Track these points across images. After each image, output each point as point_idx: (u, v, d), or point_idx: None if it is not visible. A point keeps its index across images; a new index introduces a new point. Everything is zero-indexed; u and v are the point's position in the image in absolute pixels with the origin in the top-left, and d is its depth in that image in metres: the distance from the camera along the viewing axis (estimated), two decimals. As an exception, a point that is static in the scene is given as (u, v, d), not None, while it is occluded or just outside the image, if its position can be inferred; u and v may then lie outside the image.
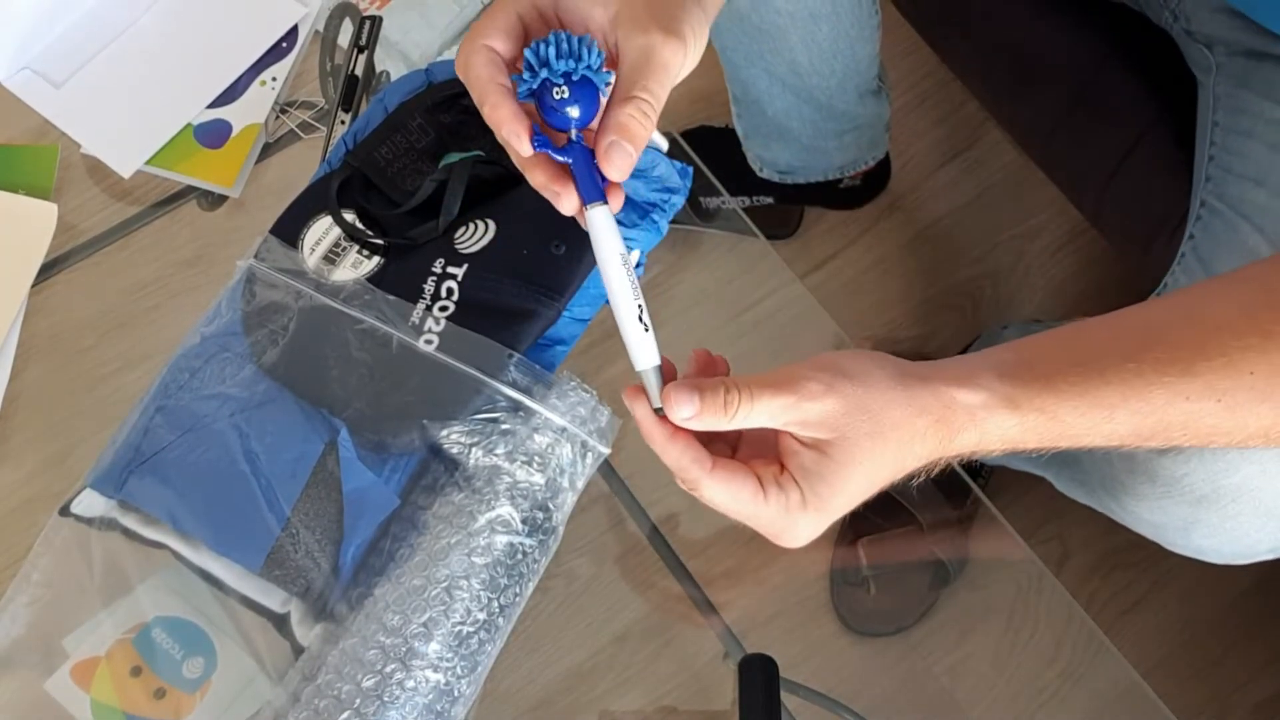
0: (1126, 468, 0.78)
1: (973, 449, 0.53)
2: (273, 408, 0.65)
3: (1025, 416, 0.52)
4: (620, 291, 0.51)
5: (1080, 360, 0.53)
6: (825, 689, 0.71)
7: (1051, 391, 0.52)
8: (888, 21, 1.09)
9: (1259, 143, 0.81)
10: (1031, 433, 0.52)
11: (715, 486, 0.53)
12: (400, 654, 0.60)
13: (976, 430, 0.52)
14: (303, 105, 0.87)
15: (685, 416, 0.51)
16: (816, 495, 0.52)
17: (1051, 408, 0.52)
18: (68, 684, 0.67)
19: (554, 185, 0.52)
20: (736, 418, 0.51)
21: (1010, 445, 0.53)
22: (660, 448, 0.53)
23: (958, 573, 0.80)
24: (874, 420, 0.51)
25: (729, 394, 0.51)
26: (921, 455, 0.53)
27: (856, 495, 0.53)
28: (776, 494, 0.52)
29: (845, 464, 0.51)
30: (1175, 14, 0.90)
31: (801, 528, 0.53)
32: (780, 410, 0.51)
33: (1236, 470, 0.72)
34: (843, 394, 0.51)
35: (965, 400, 0.52)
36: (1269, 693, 1.26)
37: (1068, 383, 0.52)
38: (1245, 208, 0.80)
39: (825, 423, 0.51)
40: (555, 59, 0.50)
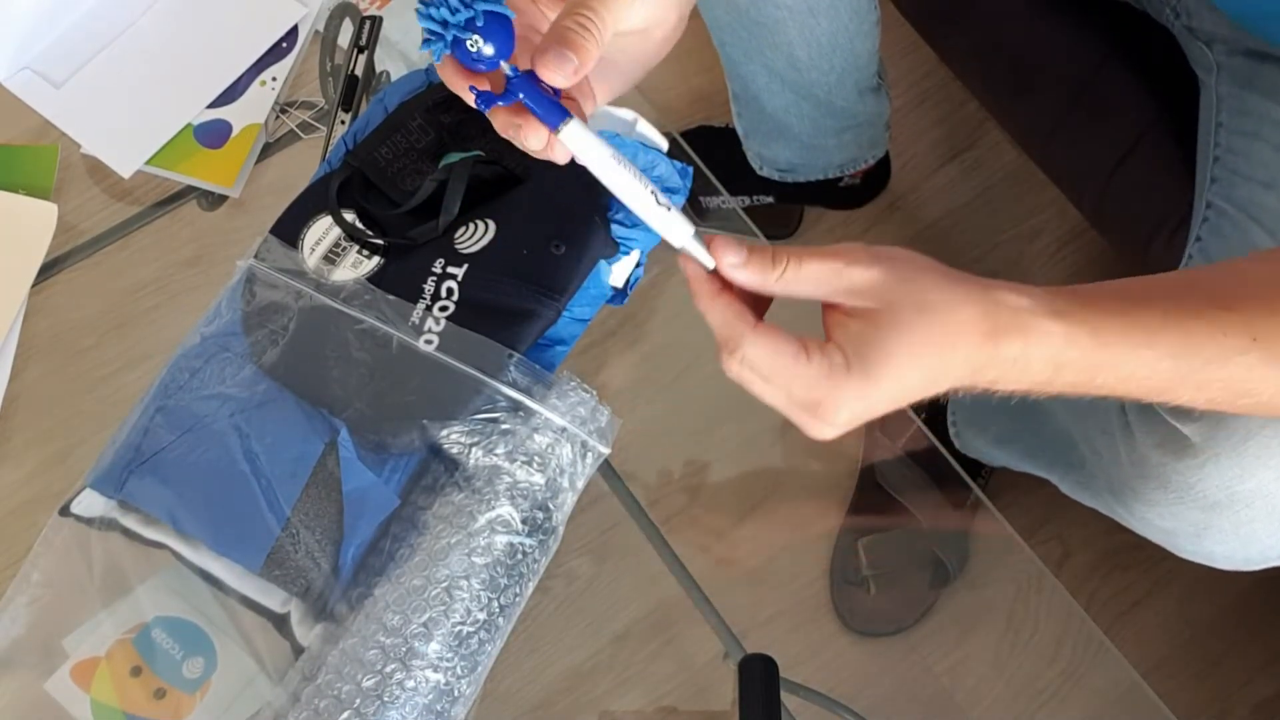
0: (1138, 473, 0.78)
1: (1015, 361, 0.51)
2: (273, 408, 0.65)
3: (1070, 327, 0.51)
4: (628, 190, 0.51)
5: (1121, 292, 0.53)
6: (825, 689, 0.71)
7: (1096, 309, 0.51)
8: (888, 20, 1.09)
9: (1266, 145, 0.81)
10: (1073, 347, 0.51)
11: (758, 343, 0.51)
12: (400, 654, 0.60)
13: (1022, 336, 0.50)
14: (303, 105, 0.87)
15: (733, 262, 0.51)
16: (862, 359, 0.50)
17: (1095, 323, 0.51)
18: (68, 684, 0.67)
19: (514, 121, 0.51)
20: (784, 278, 0.50)
21: (1052, 363, 0.51)
22: (706, 304, 0.52)
23: (958, 573, 0.80)
24: (921, 295, 0.50)
25: (777, 255, 0.51)
26: (966, 358, 0.51)
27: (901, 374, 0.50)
28: (820, 356, 0.50)
29: (892, 333, 0.50)
30: (1176, 11, 0.89)
31: (846, 396, 0.50)
32: (827, 275, 0.50)
33: (1251, 476, 0.72)
34: (890, 266, 0.50)
35: (1012, 301, 0.51)
36: (1269, 693, 1.26)
37: (1112, 305, 0.52)
38: (1255, 211, 0.79)
39: (872, 290, 0.50)
40: (451, 13, 0.49)
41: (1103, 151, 0.96)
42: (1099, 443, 0.85)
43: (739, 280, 0.51)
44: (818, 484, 0.80)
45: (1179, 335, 0.52)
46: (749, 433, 0.79)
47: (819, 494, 0.79)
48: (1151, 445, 0.76)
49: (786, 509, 0.78)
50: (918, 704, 0.74)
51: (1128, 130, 0.94)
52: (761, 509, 0.77)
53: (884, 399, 0.51)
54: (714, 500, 0.77)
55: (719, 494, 0.77)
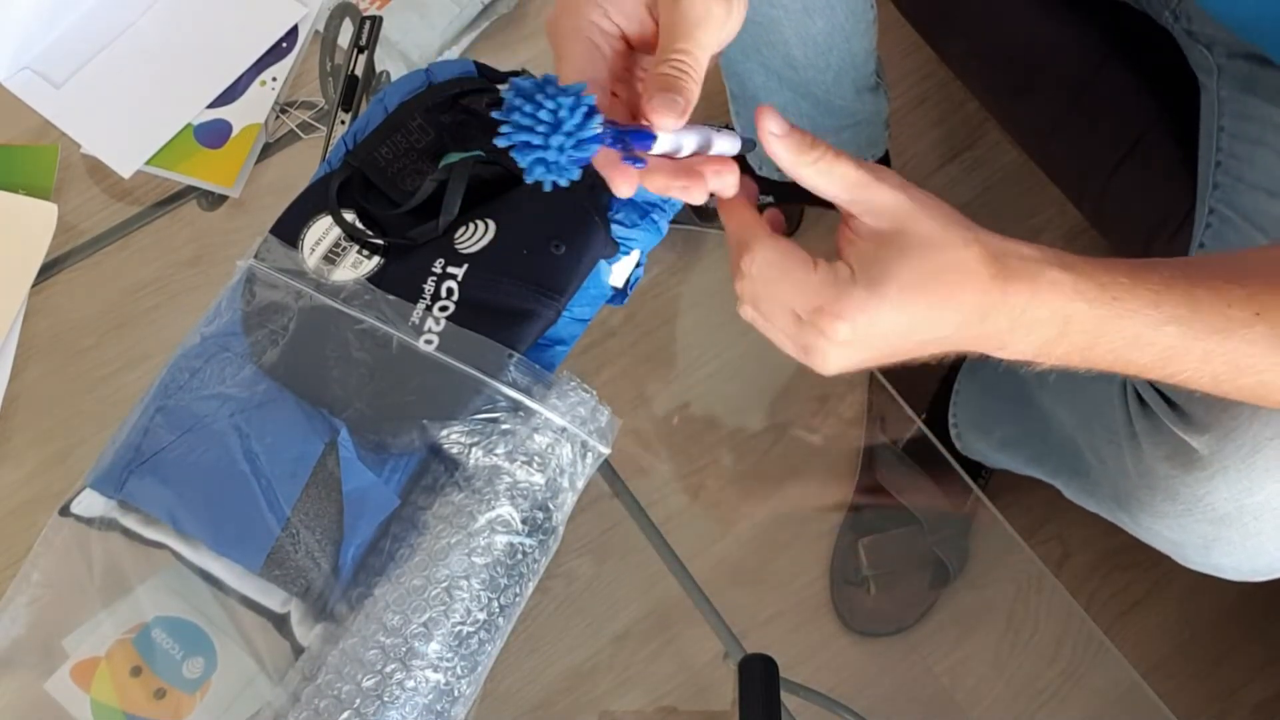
0: (1145, 485, 0.78)
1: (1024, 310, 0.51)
2: (273, 408, 0.65)
3: (1079, 279, 0.51)
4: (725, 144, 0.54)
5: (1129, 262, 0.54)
6: (825, 689, 0.71)
7: (1104, 267, 0.52)
8: (888, 21, 1.09)
9: (1269, 151, 0.81)
10: (1081, 299, 0.51)
11: (770, 247, 0.52)
12: (400, 654, 0.60)
13: (1030, 282, 0.51)
14: (303, 105, 0.87)
15: (774, 130, 0.51)
16: (867, 274, 0.51)
17: (1102, 277, 0.52)
18: (68, 684, 0.67)
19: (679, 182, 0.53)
20: (818, 165, 0.51)
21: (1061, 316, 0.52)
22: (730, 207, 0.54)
23: (958, 573, 0.80)
24: (932, 229, 0.51)
25: (815, 142, 0.51)
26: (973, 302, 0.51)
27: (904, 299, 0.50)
28: (827, 267, 0.51)
29: (899, 256, 0.51)
30: (1176, 14, 0.89)
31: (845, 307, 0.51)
32: (855, 181, 0.51)
33: (1261, 489, 0.72)
34: (913, 196, 0.51)
35: (1019, 250, 0.52)
36: (1269, 693, 1.26)
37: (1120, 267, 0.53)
38: (1260, 219, 0.79)
39: (889, 212, 0.51)
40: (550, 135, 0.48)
41: (1103, 152, 0.96)
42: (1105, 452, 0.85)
43: (773, 150, 0.52)
44: (818, 484, 0.80)
45: (1185, 299, 0.52)
46: (749, 433, 0.79)
47: (819, 494, 0.79)
48: (1159, 457, 0.76)
49: (787, 509, 0.78)
50: (918, 704, 0.74)
51: (1128, 131, 0.94)
52: (762, 509, 0.77)
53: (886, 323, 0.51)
54: (714, 500, 0.77)
55: (719, 494, 0.77)
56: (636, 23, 0.55)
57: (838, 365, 0.52)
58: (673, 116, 0.51)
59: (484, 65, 0.74)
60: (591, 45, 0.54)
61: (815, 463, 0.80)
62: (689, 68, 0.52)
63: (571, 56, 0.54)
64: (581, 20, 0.55)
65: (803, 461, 0.80)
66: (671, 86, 0.51)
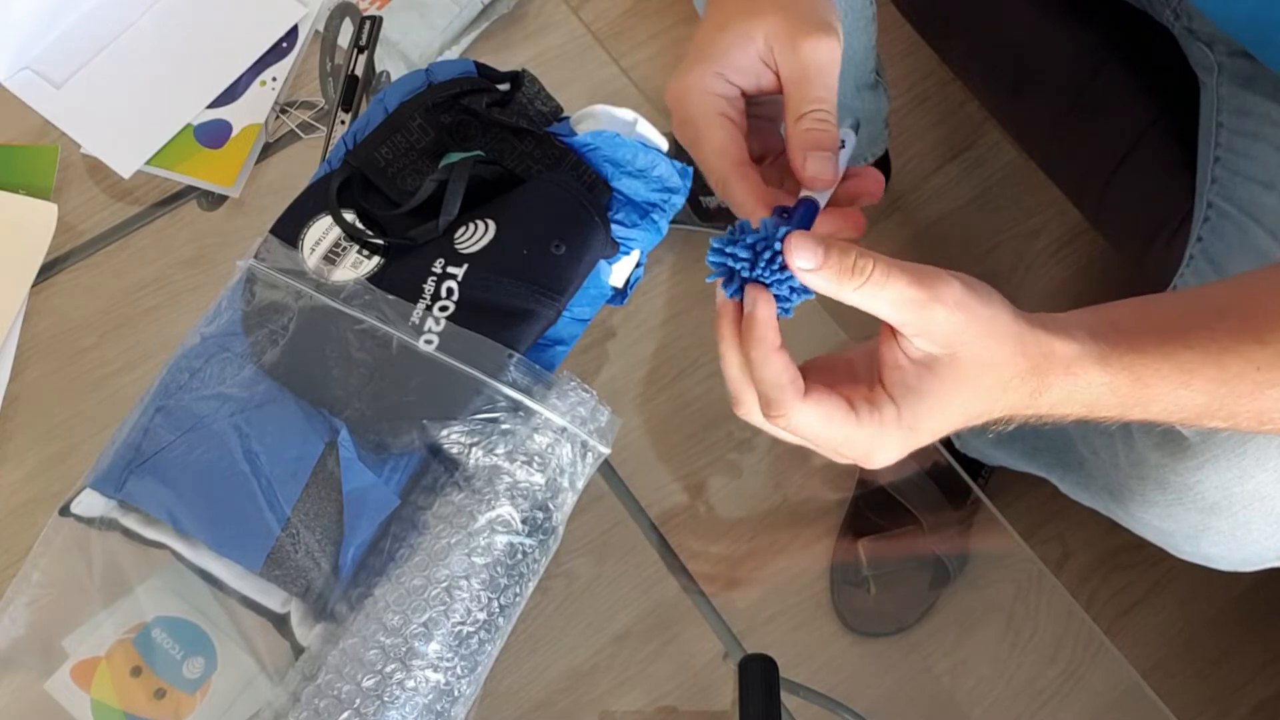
0: (1136, 474, 0.78)
1: (1054, 405, 0.52)
2: (273, 408, 0.65)
3: (1114, 376, 0.51)
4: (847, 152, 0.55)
5: (1160, 327, 0.53)
6: (825, 689, 0.71)
7: (1137, 352, 0.52)
8: (888, 21, 1.09)
9: (1267, 145, 0.81)
10: (1114, 394, 0.52)
11: (808, 411, 0.49)
12: (400, 654, 0.60)
13: (1067, 384, 0.51)
14: (303, 105, 0.87)
15: (805, 267, 0.47)
16: (913, 414, 0.50)
17: (1138, 369, 0.51)
18: (68, 684, 0.67)
19: None
20: (863, 289, 0.47)
21: (1089, 406, 0.52)
22: (762, 356, 0.49)
23: (958, 573, 0.80)
24: (986, 348, 0.49)
25: (861, 259, 0.47)
26: (1010, 403, 0.51)
27: (947, 424, 0.51)
28: (869, 413, 0.50)
29: (949, 385, 0.49)
30: (1176, 12, 0.89)
31: (890, 446, 0.51)
32: (909, 305, 0.47)
33: (1250, 477, 0.72)
34: (972, 312, 0.48)
35: (1062, 351, 0.51)
36: (1269, 693, 1.26)
37: (1151, 345, 0.52)
38: (1256, 211, 0.79)
39: (944, 335, 0.48)
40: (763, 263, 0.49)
41: (1103, 151, 0.96)
42: (1097, 443, 0.85)
43: (809, 283, 0.49)
44: (818, 484, 0.80)
45: (1216, 372, 0.52)
46: (749, 433, 0.79)
47: (819, 494, 0.79)
48: (1150, 446, 0.76)
49: (787, 509, 0.78)
50: (918, 704, 0.74)
51: (1128, 130, 0.94)
52: (761, 509, 0.77)
53: (925, 440, 0.52)
54: (714, 500, 0.77)
55: (719, 494, 0.77)
56: (754, 77, 0.56)
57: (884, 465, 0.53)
58: (830, 174, 0.52)
59: (484, 65, 0.74)
60: (726, 122, 0.56)
61: (815, 463, 0.80)
62: (828, 116, 0.53)
63: (712, 139, 0.55)
64: (708, 96, 0.56)
65: (802, 462, 0.80)
66: (820, 144, 0.52)
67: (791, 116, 0.54)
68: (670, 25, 1.50)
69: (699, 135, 0.56)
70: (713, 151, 0.55)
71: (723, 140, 0.55)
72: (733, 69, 0.56)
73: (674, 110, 0.58)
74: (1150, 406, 0.53)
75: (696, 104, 0.56)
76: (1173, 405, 0.53)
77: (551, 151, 0.70)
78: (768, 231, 0.49)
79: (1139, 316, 0.55)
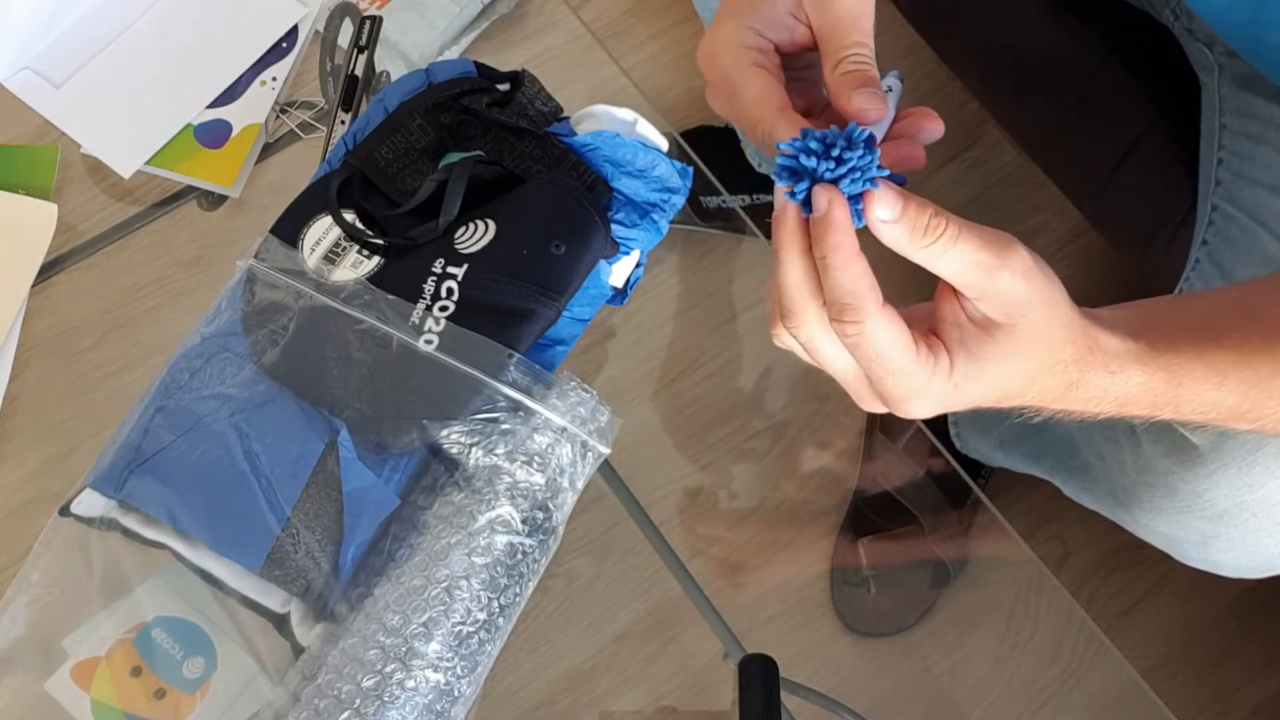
0: (1144, 481, 0.78)
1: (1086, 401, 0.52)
2: (273, 408, 0.65)
3: (1151, 375, 0.51)
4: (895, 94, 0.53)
5: (1194, 326, 0.53)
6: (825, 689, 0.71)
7: (1174, 352, 0.52)
8: (888, 21, 1.09)
9: (1270, 149, 0.81)
10: (1148, 394, 0.52)
11: (881, 324, 0.48)
12: (400, 654, 0.60)
13: (1105, 381, 0.51)
14: (303, 105, 0.87)
15: (884, 218, 0.46)
16: (963, 373, 0.49)
17: (1174, 368, 0.52)
18: (68, 684, 0.67)
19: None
20: (933, 248, 0.47)
21: (1122, 404, 0.52)
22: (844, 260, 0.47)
23: (958, 573, 0.80)
24: (1042, 326, 0.49)
25: (935, 218, 0.46)
26: (1044, 389, 0.51)
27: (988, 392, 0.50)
28: (928, 355, 0.49)
29: (1004, 352, 0.49)
30: (1176, 12, 0.89)
31: (930, 398, 0.50)
32: (976, 267, 0.47)
33: (1261, 485, 0.72)
34: (1036, 285, 0.48)
35: (1106, 345, 0.51)
36: (1269, 693, 1.26)
37: (1187, 344, 0.52)
38: (1263, 215, 0.79)
39: (1009, 304, 0.48)
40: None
41: (1103, 151, 0.96)
42: (1104, 448, 0.85)
43: (881, 235, 0.48)
44: (818, 484, 0.80)
45: (1249, 372, 0.53)
46: (749, 432, 0.79)
47: (819, 494, 0.79)
48: (1159, 453, 0.76)
49: (787, 509, 0.78)
50: (918, 704, 0.74)
51: (1128, 130, 0.94)
52: (762, 509, 0.77)
53: (958, 404, 0.51)
54: (714, 500, 0.77)
55: (719, 494, 0.77)
56: (786, 31, 0.55)
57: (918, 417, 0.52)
58: (879, 106, 0.51)
59: (484, 65, 0.74)
60: (763, 72, 0.54)
61: (815, 463, 0.80)
62: (868, 58, 0.52)
63: (750, 88, 0.54)
64: (741, 51, 0.55)
65: (803, 461, 0.80)
66: (865, 80, 0.51)
67: (829, 65, 0.52)
68: (670, 25, 1.50)
69: (735, 88, 0.54)
70: (753, 100, 0.53)
71: (761, 87, 0.53)
72: (764, 23, 0.55)
73: (706, 70, 0.56)
74: (1182, 407, 0.53)
75: (729, 58, 0.55)
76: (1204, 405, 0.53)
77: (551, 151, 0.70)
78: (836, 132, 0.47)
79: (1172, 316, 0.55)
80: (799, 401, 0.80)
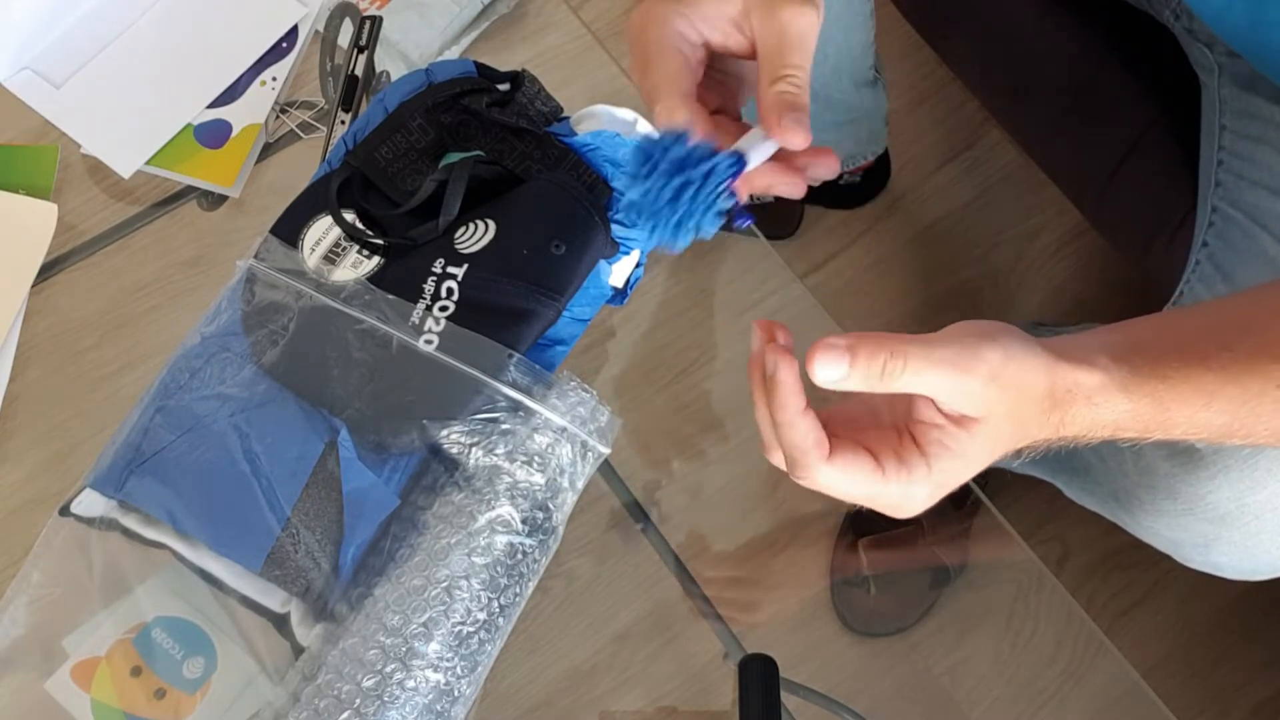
0: (1146, 483, 0.78)
1: (1079, 432, 0.52)
2: (273, 408, 0.65)
3: (1137, 403, 0.52)
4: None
5: (1181, 346, 0.53)
6: (825, 689, 0.71)
7: (1159, 377, 0.52)
8: (888, 21, 1.09)
9: (1271, 149, 0.81)
10: (1136, 420, 0.52)
11: (833, 473, 0.50)
12: (400, 654, 0.60)
13: (1090, 413, 0.51)
14: (303, 105, 0.87)
15: (833, 378, 0.47)
16: (944, 471, 0.50)
17: (1160, 394, 0.52)
18: (68, 684, 0.67)
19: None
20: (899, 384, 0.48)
21: (1113, 429, 0.53)
22: (789, 419, 0.49)
23: (958, 573, 0.80)
24: (1017, 401, 0.50)
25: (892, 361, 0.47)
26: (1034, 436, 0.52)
27: (976, 468, 0.52)
28: (897, 471, 0.50)
29: (984, 443, 0.50)
30: (1176, 12, 0.89)
31: (919, 499, 0.52)
32: (943, 389, 0.48)
33: (1262, 488, 0.72)
34: (1006, 382, 0.49)
35: (1085, 382, 0.51)
36: (1268, 693, 1.26)
37: (1172, 369, 0.52)
38: (1263, 217, 0.79)
39: (981, 402, 0.49)
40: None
41: (1103, 152, 0.96)
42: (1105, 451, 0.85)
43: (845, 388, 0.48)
44: (818, 484, 0.80)
45: (1237, 391, 0.53)
46: (749, 432, 0.79)
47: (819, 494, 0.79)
48: (1161, 456, 0.76)
49: (787, 509, 0.78)
50: (918, 704, 0.74)
51: (1128, 130, 0.94)
52: (762, 509, 0.77)
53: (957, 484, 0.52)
54: (714, 500, 0.77)
55: (719, 494, 0.77)
56: (720, 34, 0.56)
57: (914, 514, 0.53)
58: (803, 133, 0.52)
59: (484, 65, 0.74)
60: (679, 56, 0.55)
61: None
62: (803, 83, 0.53)
63: (661, 66, 0.55)
64: (668, 30, 0.55)
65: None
66: (796, 105, 0.52)
67: (766, 80, 0.53)
68: (670, 25, 1.49)
69: (649, 61, 0.55)
70: (662, 77, 0.54)
71: (675, 70, 0.55)
72: (701, 17, 0.55)
73: (631, 37, 0.56)
74: (1172, 429, 0.53)
75: (653, 32, 0.55)
76: (1194, 426, 0.53)
77: (551, 151, 0.70)
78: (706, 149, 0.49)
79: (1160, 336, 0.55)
80: (799, 401, 0.79)
